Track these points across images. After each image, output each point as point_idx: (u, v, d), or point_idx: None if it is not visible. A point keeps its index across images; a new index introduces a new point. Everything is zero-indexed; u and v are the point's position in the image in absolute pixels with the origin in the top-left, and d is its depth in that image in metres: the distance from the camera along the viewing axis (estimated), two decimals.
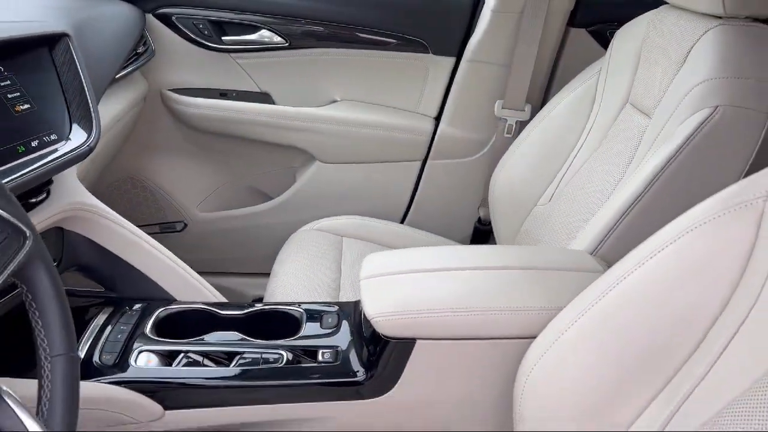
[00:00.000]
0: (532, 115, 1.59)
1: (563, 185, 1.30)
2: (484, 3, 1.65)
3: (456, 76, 1.68)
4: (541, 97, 1.68)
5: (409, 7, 1.65)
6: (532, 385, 0.82)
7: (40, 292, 0.68)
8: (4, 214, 0.65)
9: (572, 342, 0.79)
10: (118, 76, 1.41)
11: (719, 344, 0.67)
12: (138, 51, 1.53)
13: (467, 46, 1.65)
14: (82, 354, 0.97)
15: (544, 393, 0.80)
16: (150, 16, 1.62)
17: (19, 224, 0.66)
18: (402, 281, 0.95)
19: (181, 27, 1.64)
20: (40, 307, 0.67)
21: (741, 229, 0.69)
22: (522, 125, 1.58)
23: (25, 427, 0.59)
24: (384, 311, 0.91)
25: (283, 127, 1.71)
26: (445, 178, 1.76)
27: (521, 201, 1.40)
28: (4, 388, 0.60)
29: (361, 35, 1.68)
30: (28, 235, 0.66)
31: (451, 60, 1.69)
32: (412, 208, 1.79)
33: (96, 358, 0.96)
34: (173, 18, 1.63)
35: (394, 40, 1.68)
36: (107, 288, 1.13)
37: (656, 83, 1.16)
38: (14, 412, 0.59)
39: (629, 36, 1.30)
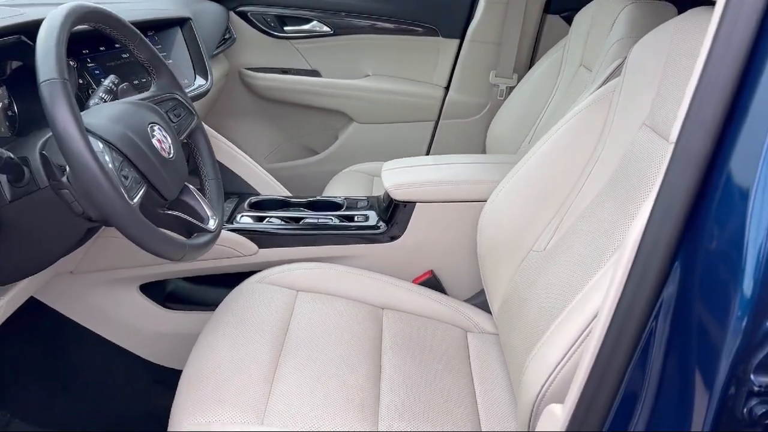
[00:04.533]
0: (518, 81, 2.10)
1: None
2: None
3: (460, 53, 2.21)
4: (526, 67, 2.19)
5: (424, 1, 2.19)
6: (483, 229, 1.32)
7: (200, 147, 1.22)
8: (185, 102, 1.19)
9: (505, 197, 1.29)
10: (214, 53, 1.98)
11: (579, 186, 1.16)
12: (225, 38, 2.10)
13: (468, 30, 2.18)
14: None
15: (490, 234, 1.30)
16: (232, 13, 2.19)
17: (191, 108, 1.21)
18: (408, 169, 1.48)
19: (255, 21, 2.21)
20: (201, 154, 1.22)
21: (597, 114, 1.17)
22: (510, 90, 2.09)
23: (204, 209, 1.12)
24: (396, 183, 1.43)
25: (328, 95, 2.25)
26: (453, 134, 2.28)
27: (514, 142, 1.88)
28: (190, 186, 1.14)
29: (387, 24, 2.23)
30: (194, 115, 1.21)
31: (456, 41, 2.22)
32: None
33: None
34: (249, 14, 2.20)
35: (413, 27, 2.22)
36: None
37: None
38: (197, 198, 1.13)
39: (582, 19, 1.79)
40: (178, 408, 1.04)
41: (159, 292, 1.55)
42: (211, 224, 1.10)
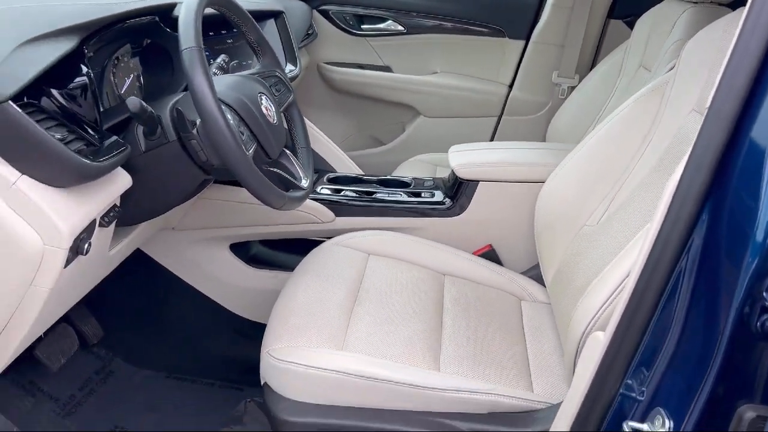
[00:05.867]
0: (579, 81, 2.22)
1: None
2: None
3: (525, 53, 2.34)
4: (588, 68, 2.30)
5: (492, 4, 2.34)
6: (540, 207, 1.45)
7: (295, 119, 1.40)
8: (284, 80, 1.38)
9: (562, 178, 1.42)
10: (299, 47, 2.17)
11: (632, 167, 1.29)
12: (308, 33, 2.30)
13: (533, 32, 2.31)
14: None
15: (547, 211, 1.43)
16: (315, 11, 2.40)
17: (289, 86, 1.39)
18: (473, 151, 1.63)
19: (335, 18, 2.41)
20: (295, 126, 1.40)
21: (650, 104, 1.30)
22: (572, 90, 2.21)
23: (298, 170, 1.30)
24: (462, 162, 1.59)
25: (398, 90, 2.43)
26: (515, 130, 2.41)
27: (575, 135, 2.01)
28: (287, 150, 1.32)
29: (457, 25, 2.39)
30: (291, 91, 1.40)
31: (522, 42, 2.36)
32: None
33: None
34: (330, 12, 2.40)
35: (481, 28, 2.37)
36: None
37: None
38: (293, 161, 1.31)
39: (643, 23, 1.91)
40: (269, 334, 1.21)
41: (245, 253, 1.74)
42: (304, 183, 1.28)
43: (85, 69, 1.05)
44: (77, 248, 1.02)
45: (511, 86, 2.39)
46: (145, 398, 1.67)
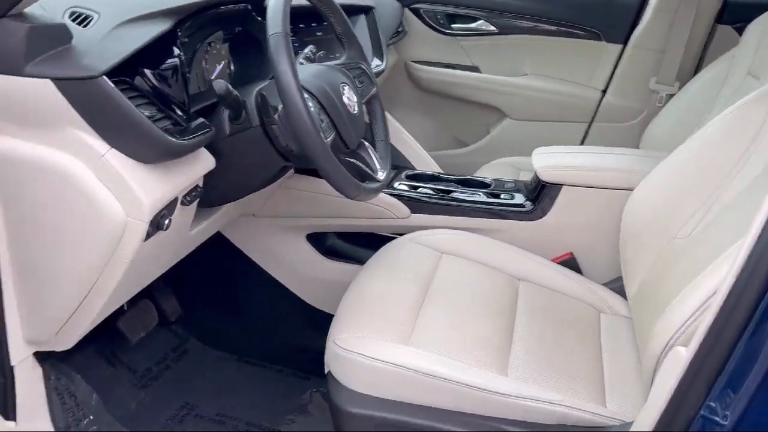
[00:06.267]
0: (679, 89, 2.10)
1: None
2: (648, 1, 2.20)
3: (622, 58, 2.24)
4: (690, 75, 2.17)
5: (589, 5, 2.26)
6: (627, 216, 1.38)
7: (376, 112, 1.40)
8: (368, 72, 1.38)
9: (653, 186, 1.34)
10: (387, 44, 2.18)
11: (731, 178, 1.19)
12: (398, 30, 2.30)
13: (632, 36, 2.21)
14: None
15: (634, 221, 1.36)
16: (406, 9, 2.39)
17: (372, 78, 1.39)
18: (558, 154, 1.57)
19: (426, 17, 2.40)
20: (376, 118, 1.39)
21: (755, 113, 1.19)
22: (670, 97, 2.09)
23: (375, 163, 1.29)
24: (546, 165, 1.53)
25: (486, 90, 2.38)
26: (606, 137, 2.31)
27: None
28: (365, 142, 1.32)
29: (550, 26, 2.32)
30: (374, 84, 1.39)
31: (619, 46, 2.26)
32: None
33: None
34: (421, 11, 2.40)
35: (575, 30, 2.29)
36: None
37: None
38: (371, 152, 1.30)
39: (754, 29, 1.77)
40: (336, 323, 1.21)
41: (321, 244, 1.76)
42: (380, 175, 1.28)
43: (177, 51, 1.09)
44: (158, 223, 1.05)
45: (604, 91, 2.30)
46: (215, 379, 1.71)
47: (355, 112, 1.23)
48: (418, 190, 1.67)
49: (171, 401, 1.62)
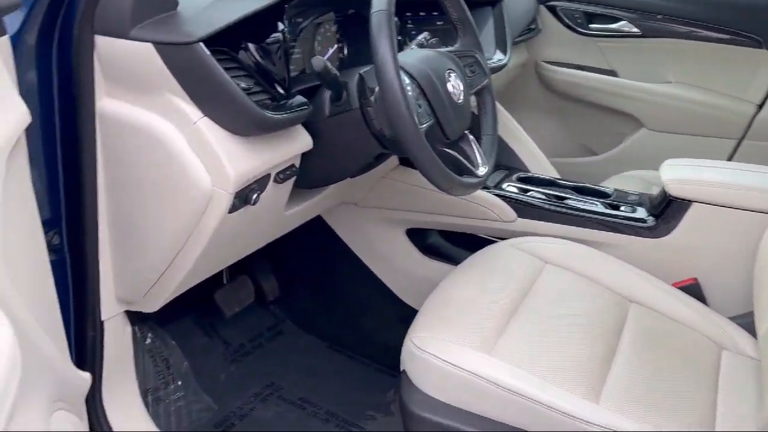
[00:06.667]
0: None
1: None
2: None
3: None
4: None
5: (749, 7, 2.01)
6: (766, 245, 1.19)
7: (487, 104, 1.32)
8: (482, 62, 1.30)
9: None
10: (515, 40, 2.07)
11: None
12: (530, 28, 2.19)
13: None
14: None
15: None
16: (542, 6, 2.27)
17: (485, 69, 1.31)
18: (692, 167, 1.40)
19: (562, 15, 2.26)
20: (485, 111, 1.31)
21: None
22: None
23: (477, 157, 1.22)
24: (675, 178, 1.37)
25: (622, 97, 2.20)
26: (756, 157, 2.05)
27: None
28: (469, 134, 1.24)
29: (703, 31, 2.09)
30: (487, 75, 1.31)
31: None
32: None
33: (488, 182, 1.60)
34: (558, 9, 2.26)
35: (729, 36, 2.05)
36: None
37: None
38: (473, 146, 1.23)
39: None
40: (417, 321, 1.15)
41: (422, 241, 1.71)
42: (481, 171, 1.20)
43: (281, 26, 1.08)
44: (246, 197, 1.05)
45: (761, 106, 2.04)
46: (303, 363, 1.71)
47: (460, 101, 1.16)
48: (528, 193, 1.56)
49: (258, 379, 1.64)
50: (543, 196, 1.55)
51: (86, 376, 0.94)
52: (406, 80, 1.08)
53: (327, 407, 1.57)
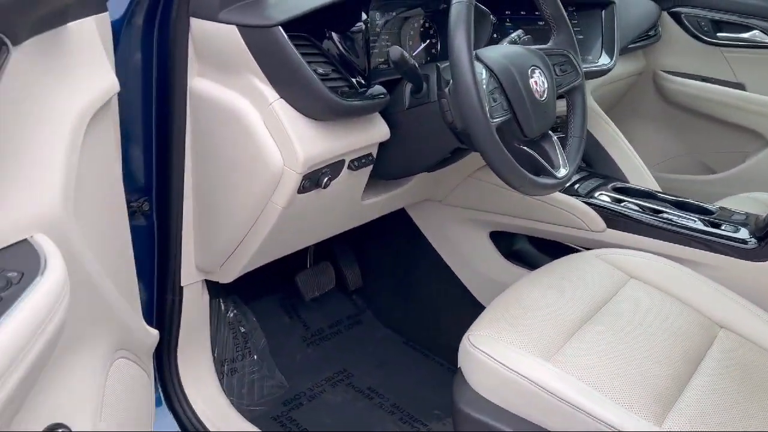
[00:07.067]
0: None
1: None
2: None
3: None
4: None
5: None
6: None
7: (576, 105, 1.27)
8: (575, 61, 1.25)
9: None
10: (630, 46, 1.97)
11: None
12: (649, 34, 2.08)
13: None
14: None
15: None
16: (665, 13, 2.15)
17: (578, 68, 1.26)
18: None
19: (686, 23, 2.12)
20: (574, 112, 1.26)
21: None
22: None
23: (559, 158, 1.17)
24: None
25: (750, 112, 2.04)
26: None
27: None
28: (552, 134, 1.20)
29: None
30: (580, 75, 1.26)
31: None
32: None
33: (576, 186, 1.53)
34: (682, 15, 2.13)
35: None
36: (587, 165, 1.72)
37: None
38: (556, 146, 1.19)
39: None
40: (481, 318, 1.13)
41: (508, 245, 1.67)
42: (560, 172, 1.15)
43: (364, 16, 1.10)
44: (317, 180, 1.09)
45: None
46: (378, 354, 1.73)
47: (542, 99, 1.13)
48: (622, 203, 1.48)
49: (332, 364, 1.68)
50: (637, 208, 1.47)
51: (154, 333, 1.01)
52: (483, 73, 1.06)
53: (394, 400, 1.58)
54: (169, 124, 1.09)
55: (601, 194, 1.52)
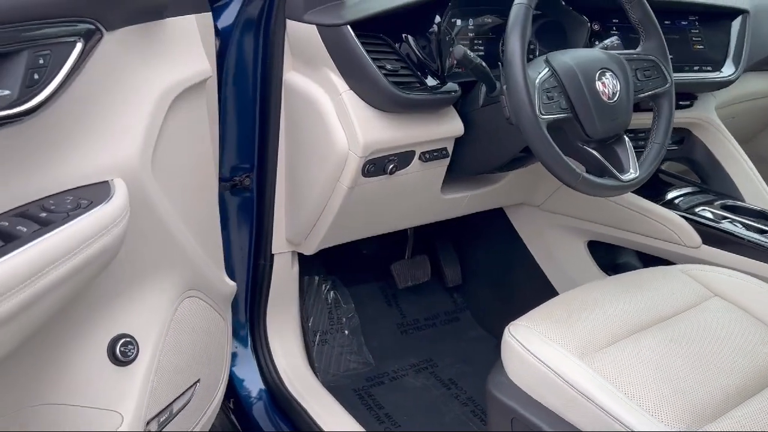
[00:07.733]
0: None
1: None
2: None
3: None
4: None
5: None
6: None
7: (662, 112, 1.23)
8: (663, 67, 1.22)
9: None
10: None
11: None
12: None
13: None
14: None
15: None
16: None
17: (667, 75, 1.23)
18: None
19: None
20: (659, 119, 1.23)
21: None
22: None
23: (629, 162, 1.16)
24: None
25: None
26: None
27: None
28: (626, 139, 1.19)
29: None
30: (668, 81, 1.23)
31: None
32: None
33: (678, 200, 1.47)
34: None
35: None
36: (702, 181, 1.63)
37: None
38: (628, 150, 1.17)
39: None
40: (530, 312, 1.16)
41: (611, 258, 1.63)
42: (627, 176, 1.14)
43: (438, 18, 1.20)
44: (383, 167, 1.20)
45: None
46: (467, 351, 1.78)
47: (611, 101, 1.13)
48: (724, 220, 1.39)
49: (420, 352, 1.76)
50: (741, 226, 1.37)
51: (231, 284, 1.19)
52: (545, 72, 1.10)
53: (470, 393, 1.62)
54: (267, 112, 1.27)
55: (704, 210, 1.44)
